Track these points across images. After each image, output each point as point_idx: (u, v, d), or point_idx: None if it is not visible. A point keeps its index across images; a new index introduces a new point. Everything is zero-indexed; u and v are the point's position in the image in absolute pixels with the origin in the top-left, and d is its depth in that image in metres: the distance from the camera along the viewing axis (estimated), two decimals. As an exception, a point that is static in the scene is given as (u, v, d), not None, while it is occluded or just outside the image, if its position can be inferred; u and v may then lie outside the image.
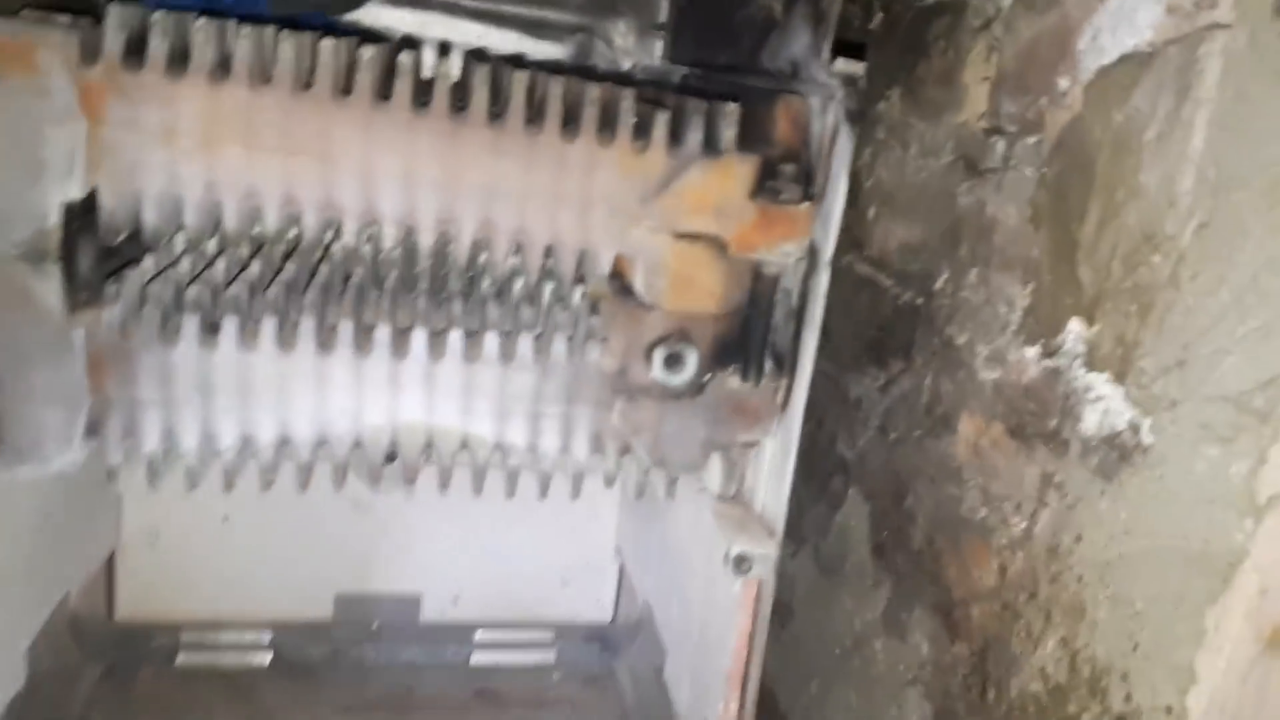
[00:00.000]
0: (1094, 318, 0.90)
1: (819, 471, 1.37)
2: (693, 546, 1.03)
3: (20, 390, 0.76)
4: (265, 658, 1.37)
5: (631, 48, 1.31)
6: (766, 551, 0.87)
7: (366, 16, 1.26)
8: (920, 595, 1.11)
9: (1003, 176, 1.06)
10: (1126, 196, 0.86)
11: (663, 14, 1.28)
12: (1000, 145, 1.06)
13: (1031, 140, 1.01)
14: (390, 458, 0.91)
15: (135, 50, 0.73)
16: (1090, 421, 0.89)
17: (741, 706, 0.90)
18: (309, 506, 1.30)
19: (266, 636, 1.37)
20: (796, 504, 1.26)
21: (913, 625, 1.12)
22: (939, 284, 1.16)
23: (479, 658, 1.43)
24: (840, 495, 1.34)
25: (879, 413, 1.27)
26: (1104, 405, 0.88)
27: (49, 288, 0.74)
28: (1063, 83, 0.95)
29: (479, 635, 1.43)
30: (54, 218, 0.73)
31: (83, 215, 0.77)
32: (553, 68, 0.94)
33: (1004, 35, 1.06)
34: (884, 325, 1.29)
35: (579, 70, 1.17)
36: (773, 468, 0.91)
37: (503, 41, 1.26)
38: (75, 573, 1.16)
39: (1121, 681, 0.81)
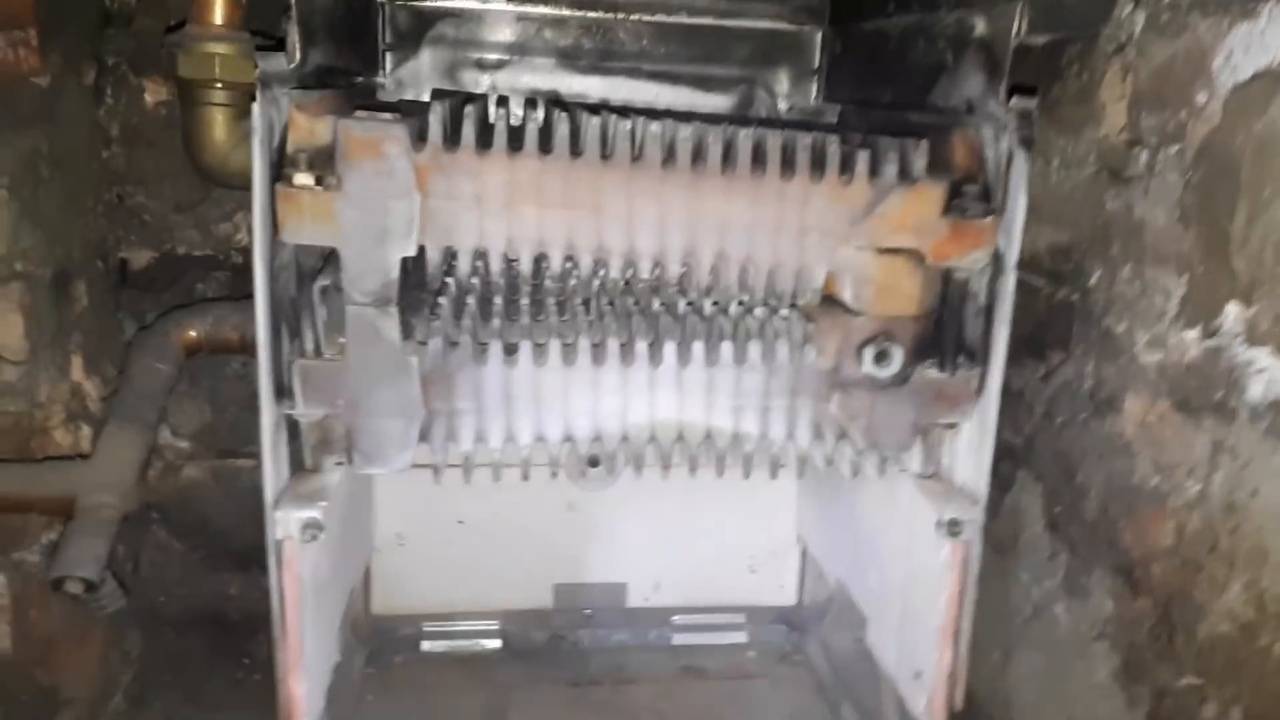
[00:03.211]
0: (1251, 300, 1.01)
1: (984, 458, 1.50)
2: (889, 522, 1.18)
3: (370, 408, 0.96)
4: (496, 643, 1.57)
5: (788, 92, 1.48)
6: (973, 516, 1.01)
7: (561, 84, 1.46)
8: (1099, 560, 1.23)
9: (1148, 182, 1.18)
10: (1273, 194, 0.98)
11: (816, 60, 1.46)
12: (1143, 155, 1.18)
13: (1174, 149, 1.13)
14: (594, 462, 1.08)
15: (451, 136, 0.93)
16: (1255, 391, 1.01)
17: (955, 655, 1.04)
18: (530, 510, 1.51)
19: (496, 624, 1.57)
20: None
21: (1093, 587, 1.24)
22: (1093, 280, 1.28)
23: (679, 639, 1.60)
24: (1009, 478, 1.46)
25: (1042, 400, 1.39)
26: (1268, 375, 1.00)
27: (391, 325, 0.95)
28: (1200, 98, 1.07)
29: (677, 618, 1.60)
30: (395, 271, 0.94)
31: (417, 272, 0.98)
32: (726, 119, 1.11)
33: (1137, 58, 1.19)
34: (1039, 321, 1.41)
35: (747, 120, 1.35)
36: (971, 445, 1.05)
37: (675, 97, 1.46)
38: (355, 572, 1.37)
39: (1310, 610, 0.92)
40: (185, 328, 1.29)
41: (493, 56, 1.43)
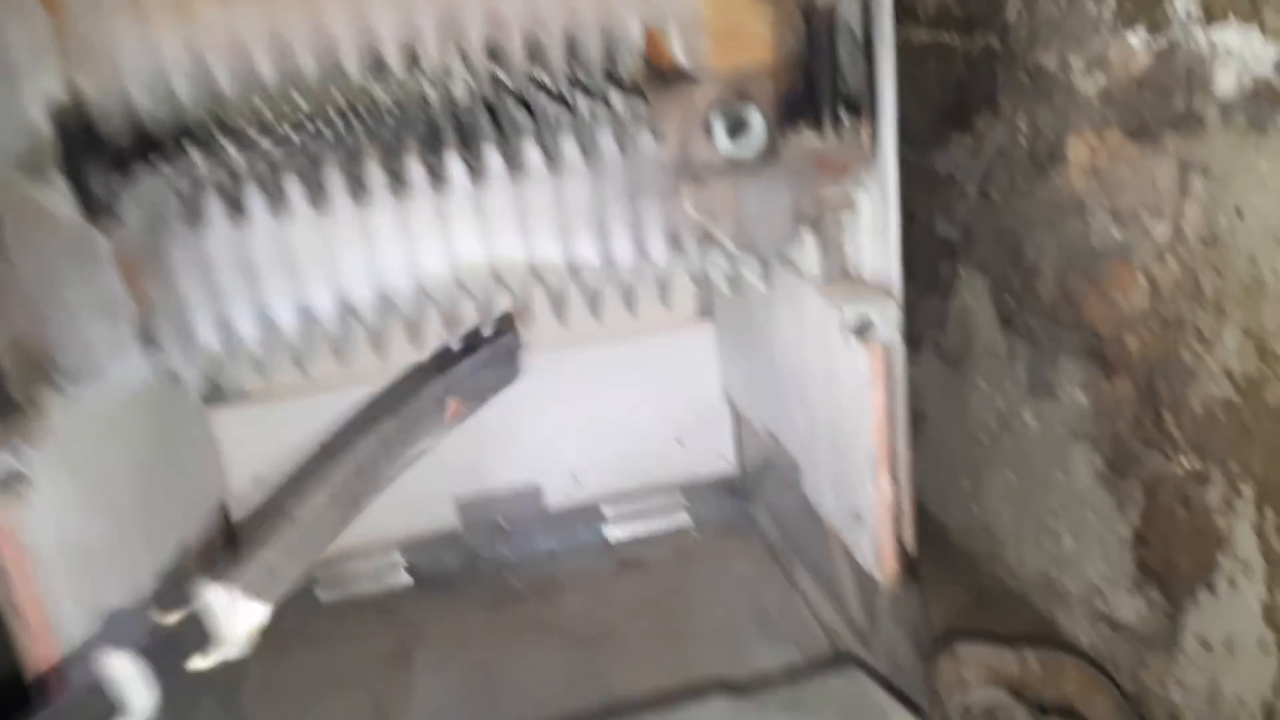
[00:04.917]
0: (1202, -35, 0.77)
1: (922, 262, 1.26)
2: (805, 348, 0.95)
3: (59, 310, 0.72)
4: (403, 577, 1.36)
5: None
6: (886, 310, 0.78)
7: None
8: (1064, 347, 1.01)
9: None
10: None
11: None
12: None
13: None
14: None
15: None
16: (1225, 82, 0.77)
17: (895, 483, 0.82)
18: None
19: (399, 557, 1.36)
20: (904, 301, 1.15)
21: (1062, 379, 1.02)
22: (1011, 13, 1.03)
23: (614, 532, 1.39)
24: (951, 279, 1.23)
25: (975, 178, 1.15)
26: (1238, 56, 0.76)
27: (56, 196, 0.69)
28: None
29: (607, 510, 1.39)
30: (41, 123, 0.68)
31: (79, 120, 0.71)
32: None
33: None
34: (960, 84, 1.16)
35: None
36: (875, 225, 0.81)
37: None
38: (187, 523, 1.14)
39: (1327, 346, 0.70)
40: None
41: None
